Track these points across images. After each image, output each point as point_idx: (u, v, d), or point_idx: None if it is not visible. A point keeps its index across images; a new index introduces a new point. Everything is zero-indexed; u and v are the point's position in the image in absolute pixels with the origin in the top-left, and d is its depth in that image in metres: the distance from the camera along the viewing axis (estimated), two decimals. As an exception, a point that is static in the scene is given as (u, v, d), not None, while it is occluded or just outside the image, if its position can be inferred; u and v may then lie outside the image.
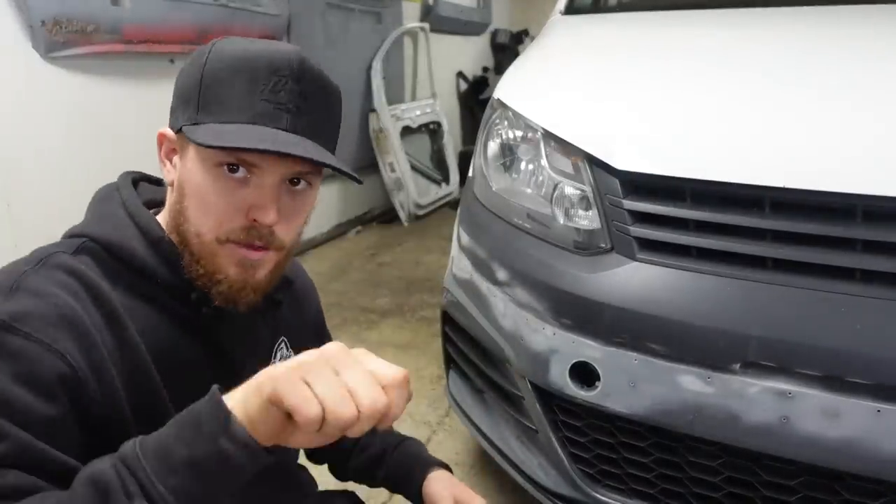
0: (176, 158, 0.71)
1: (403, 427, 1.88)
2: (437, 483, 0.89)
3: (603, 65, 1.45)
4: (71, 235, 0.72)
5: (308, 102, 0.71)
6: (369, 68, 3.93)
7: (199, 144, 0.64)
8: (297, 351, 0.88)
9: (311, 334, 0.94)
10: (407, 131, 4.16)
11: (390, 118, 3.95)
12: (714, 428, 0.98)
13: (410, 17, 4.45)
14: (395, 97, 4.19)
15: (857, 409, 0.89)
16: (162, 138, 0.71)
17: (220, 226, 0.68)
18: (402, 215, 4.07)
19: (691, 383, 0.99)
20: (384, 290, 3.01)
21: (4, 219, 2.06)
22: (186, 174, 0.69)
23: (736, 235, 1.02)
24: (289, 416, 0.50)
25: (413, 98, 4.60)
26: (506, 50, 5.99)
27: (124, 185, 0.77)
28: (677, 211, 1.06)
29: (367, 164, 3.97)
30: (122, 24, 2.26)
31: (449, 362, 1.57)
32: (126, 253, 0.69)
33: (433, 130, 4.57)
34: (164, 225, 0.72)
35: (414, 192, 4.03)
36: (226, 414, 0.51)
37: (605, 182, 1.14)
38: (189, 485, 0.51)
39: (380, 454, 0.95)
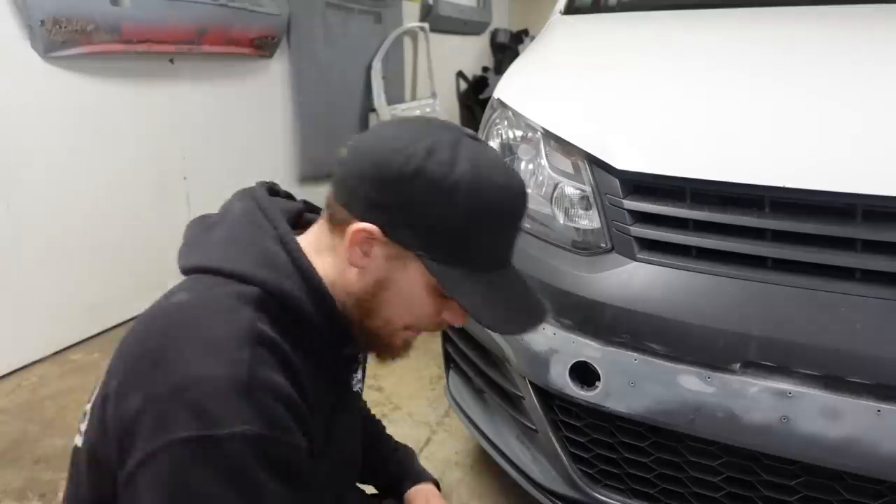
0: (378, 252, 0.71)
1: (404, 427, 1.88)
2: (417, 493, 0.99)
3: (603, 65, 1.45)
4: (231, 273, 0.70)
5: None
6: (369, 68, 3.93)
7: (483, 324, 0.71)
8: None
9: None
10: (407, 131, 4.15)
11: (390, 118, 3.95)
12: (714, 428, 0.98)
13: (410, 17, 4.44)
14: (395, 97, 4.19)
15: (857, 409, 0.89)
16: (364, 233, 0.70)
17: (411, 321, 0.75)
18: (402, 215, 4.07)
19: (691, 383, 0.99)
20: (384, 290, 3.01)
21: (4, 219, 2.06)
22: (399, 278, 0.72)
23: (736, 235, 1.02)
24: None
25: (413, 98, 4.60)
26: (506, 50, 5.99)
27: (273, 212, 0.76)
28: (677, 211, 1.06)
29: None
30: (122, 24, 2.26)
31: (449, 362, 1.57)
32: (296, 310, 0.71)
33: (433, 130, 4.56)
34: (321, 272, 0.73)
35: (414, 191, 4.03)
36: None
37: (605, 182, 1.14)
38: None
39: (374, 467, 1.02)
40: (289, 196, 0.85)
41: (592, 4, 2.06)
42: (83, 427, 0.72)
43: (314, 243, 0.75)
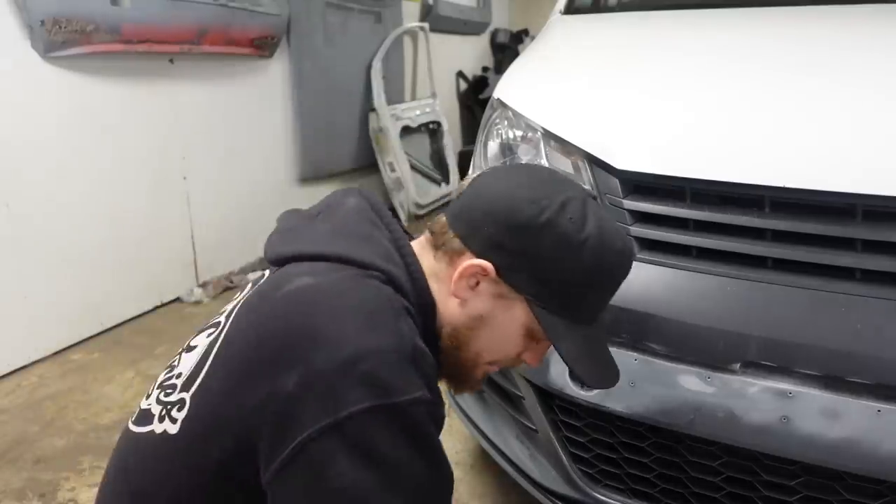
0: (484, 286, 0.74)
1: (403, 427, 1.88)
2: None
3: (602, 64, 1.45)
4: (354, 260, 0.71)
5: None
6: (369, 68, 3.92)
7: (578, 375, 0.75)
8: None
9: None
10: (407, 131, 4.15)
11: (390, 118, 3.95)
12: (714, 428, 0.98)
13: (410, 17, 4.44)
14: (394, 97, 4.19)
15: (857, 409, 0.89)
16: (480, 269, 0.73)
17: (497, 357, 0.79)
18: (402, 215, 4.07)
19: (691, 383, 0.99)
20: (384, 290, 3.00)
21: (4, 219, 2.06)
22: (500, 317, 0.75)
23: (736, 235, 1.02)
24: None
25: (413, 98, 4.60)
26: (506, 50, 5.98)
27: (386, 214, 0.79)
28: (677, 211, 1.06)
29: (367, 164, 3.97)
30: (122, 24, 2.26)
31: (449, 362, 1.57)
32: (408, 301, 0.72)
33: (433, 130, 4.57)
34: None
35: (413, 191, 4.03)
36: None
37: (605, 182, 1.14)
38: None
39: None
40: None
41: (592, 4, 2.06)
42: (180, 415, 0.71)
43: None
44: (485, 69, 5.87)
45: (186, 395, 0.72)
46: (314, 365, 0.62)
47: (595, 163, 1.15)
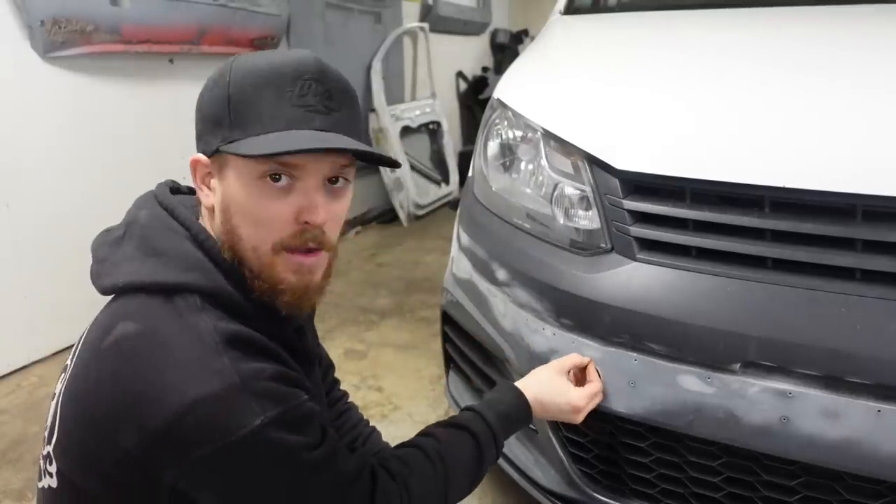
0: (214, 181, 0.72)
1: (404, 427, 1.88)
2: None
3: (602, 65, 1.45)
4: (162, 286, 0.70)
5: (334, 101, 0.72)
6: (369, 68, 3.93)
7: (246, 156, 0.67)
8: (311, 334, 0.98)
9: (311, 320, 0.99)
10: (406, 131, 4.16)
11: (390, 118, 3.95)
12: (714, 428, 0.98)
13: (410, 17, 4.45)
14: (394, 97, 4.19)
15: (857, 409, 0.89)
16: (196, 164, 0.72)
17: (273, 235, 0.70)
18: (402, 215, 4.07)
19: (691, 383, 0.99)
20: (384, 291, 3.01)
21: (4, 219, 2.06)
22: (230, 193, 0.71)
23: (736, 235, 1.02)
24: None
25: (413, 98, 4.60)
26: (506, 50, 5.99)
27: (181, 212, 0.76)
28: (677, 211, 1.06)
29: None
30: (122, 24, 2.26)
31: (448, 362, 1.57)
32: (231, 301, 0.72)
33: (433, 130, 4.57)
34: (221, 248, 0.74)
35: (413, 192, 4.03)
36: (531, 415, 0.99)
37: (605, 182, 1.14)
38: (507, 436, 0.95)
39: None
40: (191, 191, 0.84)
41: (592, 4, 2.06)
42: (52, 469, 0.73)
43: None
44: (485, 69, 5.87)
45: (50, 449, 0.73)
46: (148, 427, 0.63)
47: (595, 163, 1.15)
